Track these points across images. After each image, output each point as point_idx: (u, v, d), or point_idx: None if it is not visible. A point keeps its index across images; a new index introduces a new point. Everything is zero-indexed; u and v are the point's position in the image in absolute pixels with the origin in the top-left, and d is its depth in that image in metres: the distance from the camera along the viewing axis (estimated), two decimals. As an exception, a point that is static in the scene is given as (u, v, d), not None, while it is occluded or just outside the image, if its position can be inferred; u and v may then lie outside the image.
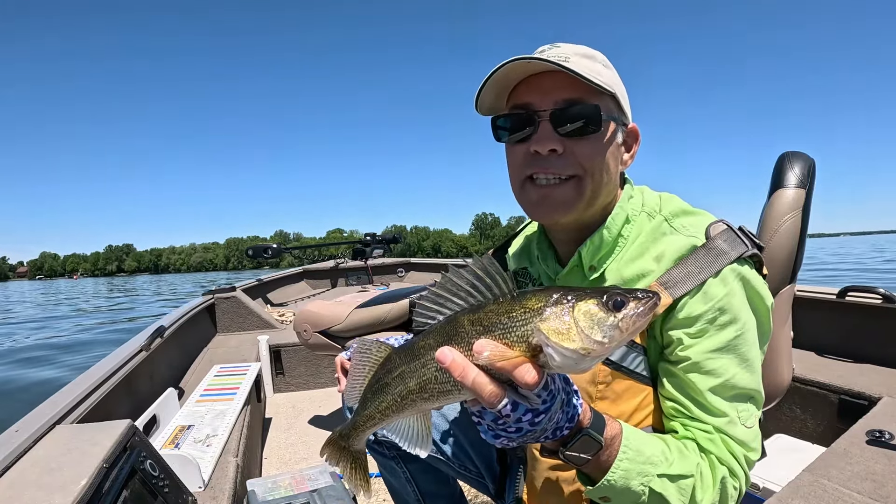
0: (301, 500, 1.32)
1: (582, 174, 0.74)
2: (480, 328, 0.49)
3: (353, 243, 5.24)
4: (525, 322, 0.47)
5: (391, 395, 0.56)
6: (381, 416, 0.58)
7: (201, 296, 3.34)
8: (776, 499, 0.96)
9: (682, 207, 0.80)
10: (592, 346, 0.45)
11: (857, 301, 1.86)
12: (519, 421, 0.51)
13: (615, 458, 0.62)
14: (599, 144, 0.73)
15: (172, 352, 2.27)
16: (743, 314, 0.70)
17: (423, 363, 0.53)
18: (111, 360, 1.60)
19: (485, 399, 0.48)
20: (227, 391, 1.80)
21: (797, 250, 1.06)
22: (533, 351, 0.47)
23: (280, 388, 2.93)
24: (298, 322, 2.17)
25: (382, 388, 0.57)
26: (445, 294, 0.53)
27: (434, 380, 0.52)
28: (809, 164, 1.10)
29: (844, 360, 1.83)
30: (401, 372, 0.55)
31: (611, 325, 0.46)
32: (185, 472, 1.11)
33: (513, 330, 0.48)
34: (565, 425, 0.56)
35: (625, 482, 0.62)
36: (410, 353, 0.54)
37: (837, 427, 1.53)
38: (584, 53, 0.74)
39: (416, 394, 0.54)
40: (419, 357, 0.53)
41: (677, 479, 0.64)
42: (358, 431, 0.63)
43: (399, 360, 0.56)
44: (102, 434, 0.94)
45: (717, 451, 0.68)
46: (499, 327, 0.48)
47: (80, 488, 0.76)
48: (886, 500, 0.93)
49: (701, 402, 0.69)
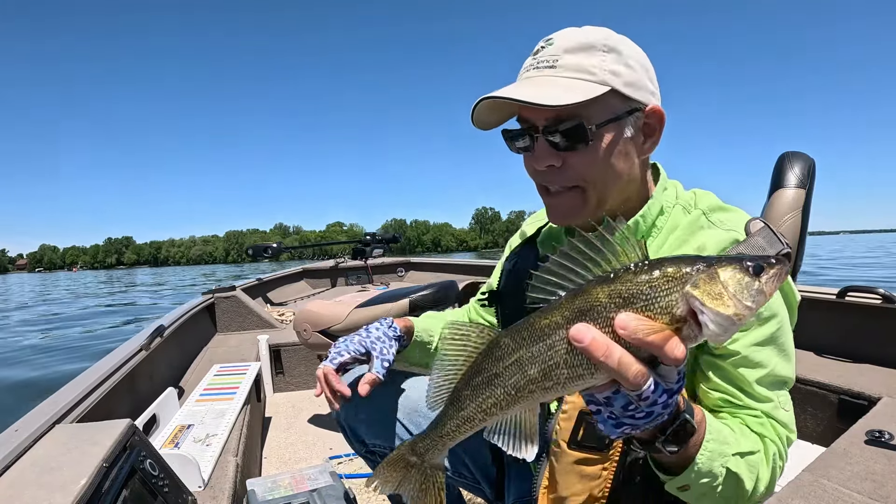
0: (301, 499, 1.32)
1: (584, 185, 0.75)
2: (620, 300, 0.43)
3: (353, 242, 5.24)
4: (669, 291, 0.42)
5: (503, 389, 0.48)
6: (484, 417, 0.50)
7: (201, 295, 3.34)
8: (776, 499, 0.96)
9: (718, 203, 0.81)
10: (744, 312, 0.42)
11: (856, 301, 1.86)
12: (654, 403, 0.46)
13: (702, 441, 0.60)
14: (595, 156, 0.73)
15: (172, 351, 2.27)
16: (781, 309, 0.73)
17: (550, 345, 0.45)
18: (111, 359, 1.60)
19: (630, 381, 0.43)
20: (227, 391, 1.80)
21: (797, 250, 1.06)
22: (676, 322, 0.43)
23: (280, 387, 2.93)
24: (298, 321, 2.18)
25: (489, 380, 0.49)
26: (568, 264, 0.46)
27: (563, 364, 0.45)
28: (809, 164, 1.10)
29: (844, 360, 1.83)
30: (517, 358, 0.47)
31: (757, 290, 0.42)
32: (185, 472, 1.10)
33: (656, 300, 0.43)
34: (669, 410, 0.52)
35: (709, 465, 0.61)
36: (530, 334, 0.46)
37: (837, 427, 1.53)
38: (578, 46, 0.72)
39: (536, 383, 0.46)
40: (544, 338, 0.45)
41: (747, 456, 0.66)
42: (445, 441, 0.54)
43: (514, 345, 0.47)
44: (102, 433, 0.94)
45: (767, 433, 0.71)
46: (641, 298, 0.43)
47: (79, 488, 0.76)
48: (886, 500, 0.93)
49: (749, 391, 0.72)
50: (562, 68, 0.72)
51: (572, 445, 0.73)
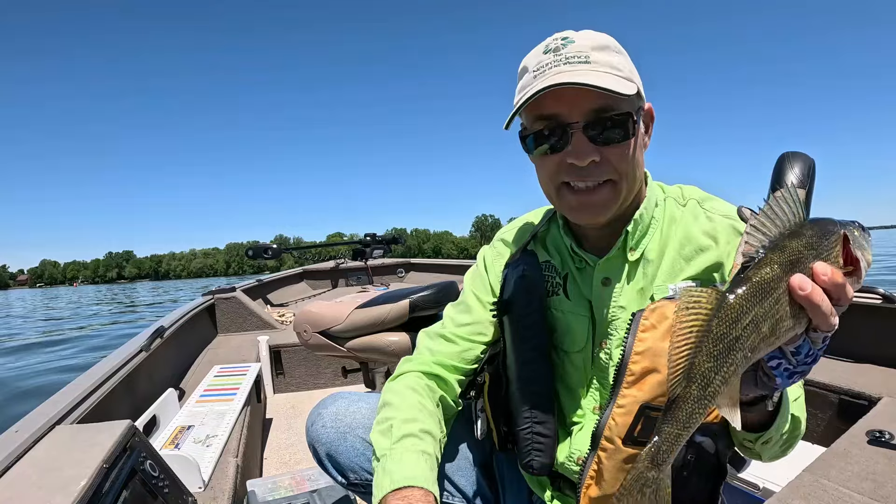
0: (301, 500, 1.32)
1: (617, 178, 0.75)
2: (814, 252, 0.47)
3: (354, 244, 5.24)
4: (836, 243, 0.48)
5: (742, 352, 0.47)
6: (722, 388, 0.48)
7: (201, 296, 3.34)
8: (776, 499, 0.95)
9: (705, 194, 0.85)
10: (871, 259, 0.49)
11: (856, 301, 1.86)
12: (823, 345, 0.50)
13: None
14: (630, 149, 0.74)
15: (172, 352, 2.27)
16: None
17: (777, 298, 0.47)
18: (111, 360, 1.60)
19: (833, 322, 0.47)
20: (227, 391, 1.80)
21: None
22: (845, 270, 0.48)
23: (280, 388, 2.93)
24: (298, 322, 2.17)
25: (730, 346, 0.47)
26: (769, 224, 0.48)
27: (786, 315, 0.47)
28: (809, 164, 1.10)
29: (844, 360, 1.83)
30: (753, 317, 0.47)
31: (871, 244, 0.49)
32: (185, 473, 1.10)
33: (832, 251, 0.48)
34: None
35: (785, 411, 0.67)
36: (761, 290, 0.47)
37: (837, 427, 1.53)
38: (600, 45, 0.73)
39: (765, 340, 0.47)
40: (772, 292, 0.47)
41: (798, 399, 0.74)
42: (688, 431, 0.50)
43: (748, 304, 0.47)
44: (102, 434, 0.94)
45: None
46: (824, 249, 0.47)
47: (80, 488, 0.75)
48: (886, 500, 0.93)
49: None
50: (596, 63, 0.71)
51: (627, 442, 0.73)
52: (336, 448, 0.95)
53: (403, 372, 0.93)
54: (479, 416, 0.95)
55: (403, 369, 0.93)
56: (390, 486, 0.72)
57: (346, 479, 0.97)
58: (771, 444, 0.71)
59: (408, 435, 0.79)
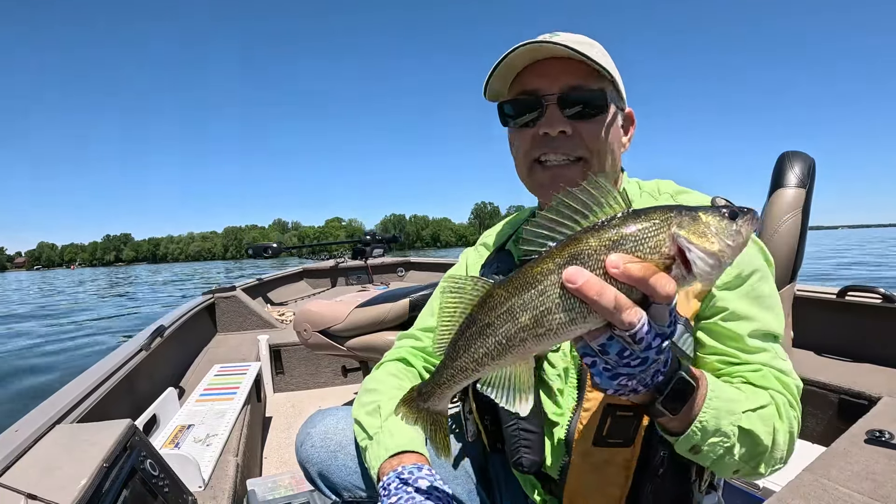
0: (301, 499, 1.32)
1: (588, 156, 0.77)
2: (610, 244, 0.45)
3: (353, 242, 5.24)
4: (657, 231, 0.45)
5: (494, 338, 0.49)
6: (477, 366, 0.51)
7: (201, 295, 3.34)
8: (776, 499, 0.96)
9: (679, 188, 0.86)
10: (726, 249, 0.45)
11: (857, 301, 1.86)
12: (648, 347, 0.47)
13: (704, 399, 0.61)
14: (604, 126, 0.77)
15: (172, 351, 2.27)
16: (759, 263, 0.76)
17: (542, 291, 0.46)
18: (111, 359, 1.60)
19: (625, 319, 0.43)
20: (227, 391, 1.80)
21: (797, 249, 1.06)
22: (667, 262, 0.45)
23: (280, 387, 2.93)
24: (298, 321, 2.17)
25: (482, 330, 0.50)
26: (557, 217, 0.47)
27: (555, 308, 0.46)
28: (809, 163, 1.10)
29: (844, 360, 1.83)
30: (509, 307, 0.48)
31: (735, 231, 0.46)
32: (185, 472, 1.10)
33: (645, 241, 0.45)
34: (662, 369, 0.53)
35: (716, 423, 0.61)
36: (521, 282, 0.47)
37: (837, 427, 1.53)
38: (584, 41, 0.77)
39: (528, 330, 0.47)
40: (535, 284, 0.47)
41: (758, 411, 0.66)
42: (442, 389, 0.56)
43: (506, 294, 0.48)
44: (102, 434, 0.94)
45: (770, 385, 0.71)
46: (630, 240, 0.44)
47: (80, 488, 0.76)
48: (886, 500, 0.93)
49: (742, 346, 0.72)
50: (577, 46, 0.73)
51: (598, 443, 0.73)
52: (327, 467, 0.95)
53: (382, 363, 1.01)
54: (468, 417, 0.95)
55: (381, 361, 1.01)
56: (386, 454, 0.78)
57: (339, 497, 0.97)
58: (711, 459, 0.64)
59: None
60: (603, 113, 0.76)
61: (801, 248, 1.07)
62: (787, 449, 0.70)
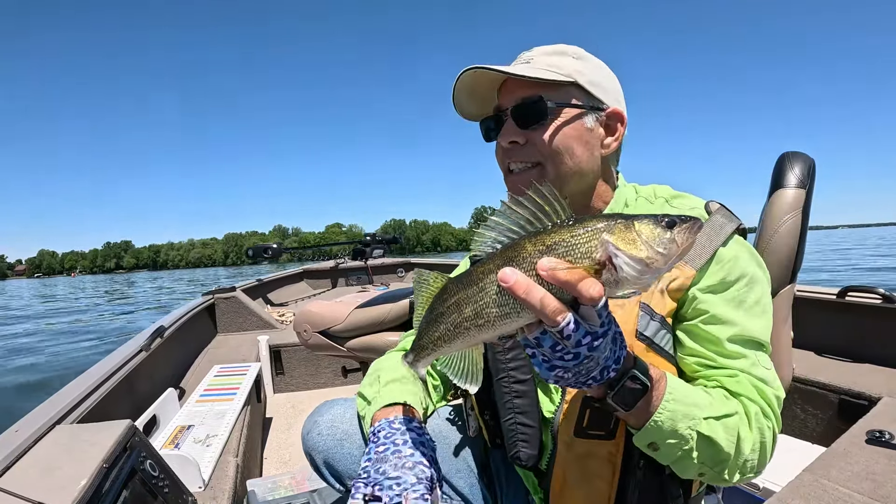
0: (301, 500, 1.32)
1: (542, 160, 0.81)
2: (543, 248, 0.49)
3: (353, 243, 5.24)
4: (589, 238, 0.49)
5: (444, 325, 0.56)
6: (434, 347, 0.59)
7: (201, 296, 3.34)
8: (776, 499, 0.96)
9: (675, 192, 0.88)
10: (656, 257, 0.47)
11: (857, 301, 1.86)
12: (578, 344, 0.51)
13: (661, 400, 0.63)
14: (554, 133, 0.80)
15: (172, 352, 2.27)
16: (749, 271, 0.76)
17: (482, 287, 0.53)
18: (111, 360, 1.60)
19: (549, 316, 0.48)
20: (227, 391, 1.80)
21: (797, 250, 1.06)
22: (597, 267, 0.48)
23: (280, 388, 2.93)
24: (298, 322, 2.17)
25: (437, 318, 0.57)
26: (503, 223, 0.53)
27: (492, 303, 0.52)
28: (809, 164, 1.10)
29: (844, 360, 1.83)
30: (456, 300, 0.55)
31: (669, 239, 0.48)
32: (185, 473, 1.10)
33: (577, 247, 0.49)
34: (612, 366, 0.56)
35: (672, 424, 0.63)
36: (467, 279, 0.54)
37: (837, 427, 1.53)
38: (552, 51, 0.82)
39: (470, 321, 0.54)
40: (477, 282, 0.53)
41: (722, 419, 0.66)
42: (416, 363, 0.65)
43: (455, 289, 0.56)
44: (102, 434, 0.94)
45: (745, 392, 0.71)
46: (562, 245, 0.49)
47: (80, 488, 0.76)
48: (886, 500, 0.93)
49: (721, 350, 0.73)
50: (535, 63, 0.81)
51: (579, 434, 0.75)
52: (333, 456, 0.96)
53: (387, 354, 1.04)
54: (470, 413, 0.96)
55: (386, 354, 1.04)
56: (376, 407, 0.83)
57: (343, 486, 0.97)
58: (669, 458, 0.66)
59: (394, 380, 0.89)
60: (544, 119, 0.79)
61: (801, 249, 1.07)
62: (757, 458, 0.70)
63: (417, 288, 0.62)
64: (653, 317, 0.75)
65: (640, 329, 0.74)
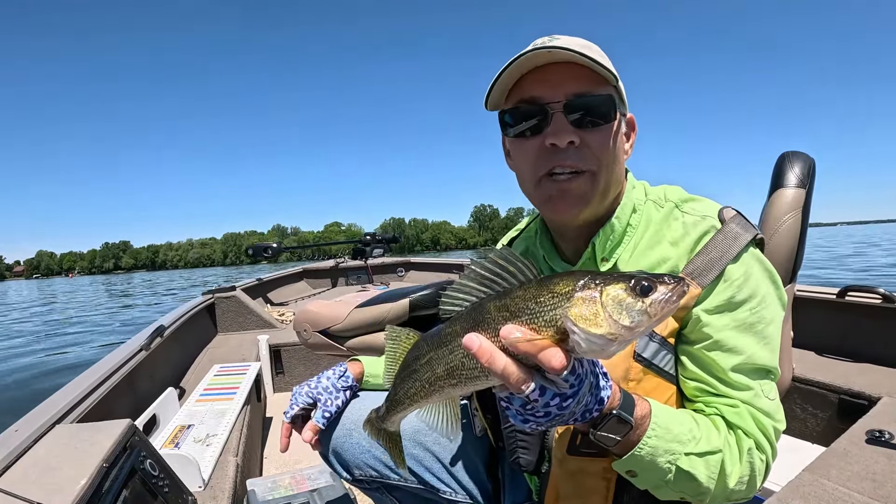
0: (301, 499, 1.32)
1: (597, 168, 0.73)
2: (507, 314, 0.48)
3: (353, 242, 5.24)
4: (553, 307, 0.46)
5: (419, 381, 0.57)
6: (410, 402, 0.60)
7: (201, 295, 3.34)
8: (776, 499, 0.96)
9: (687, 195, 0.81)
10: (620, 332, 0.44)
11: (857, 301, 1.86)
12: (547, 405, 0.50)
13: (643, 436, 0.62)
14: (611, 135, 0.74)
15: (172, 351, 2.27)
16: (760, 291, 0.72)
17: (451, 349, 0.53)
18: (111, 359, 1.60)
19: (512, 385, 0.47)
20: (227, 391, 1.80)
21: (797, 250, 1.06)
22: (561, 335, 0.46)
23: (280, 387, 2.93)
24: (298, 321, 2.17)
25: (411, 374, 0.59)
26: (471, 283, 0.53)
27: (462, 366, 0.52)
28: (809, 163, 1.10)
29: (844, 359, 1.83)
30: (429, 358, 0.56)
31: (639, 311, 0.44)
32: (185, 472, 1.10)
33: (540, 315, 0.47)
34: (594, 408, 0.56)
35: (651, 458, 0.62)
36: (438, 339, 0.55)
37: (837, 427, 1.53)
38: (584, 45, 0.72)
39: (443, 380, 0.55)
40: (446, 343, 0.53)
41: (705, 456, 0.65)
42: (390, 414, 0.66)
43: (427, 347, 0.57)
44: (102, 434, 0.94)
45: (743, 425, 0.69)
46: (526, 312, 0.47)
47: (79, 488, 0.76)
48: (886, 500, 0.93)
49: (724, 378, 0.70)
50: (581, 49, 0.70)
51: (571, 451, 0.73)
52: (341, 444, 0.98)
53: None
54: (475, 414, 0.96)
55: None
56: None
57: (350, 475, 1.00)
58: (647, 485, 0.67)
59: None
60: (610, 121, 0.72)
61: (800, 249, 1.07)
62: (745, 488, 0.68)
63: (389, 344, 0.63)
64: (652, 337, 0.71)
65: (639, 350, 0.71)
